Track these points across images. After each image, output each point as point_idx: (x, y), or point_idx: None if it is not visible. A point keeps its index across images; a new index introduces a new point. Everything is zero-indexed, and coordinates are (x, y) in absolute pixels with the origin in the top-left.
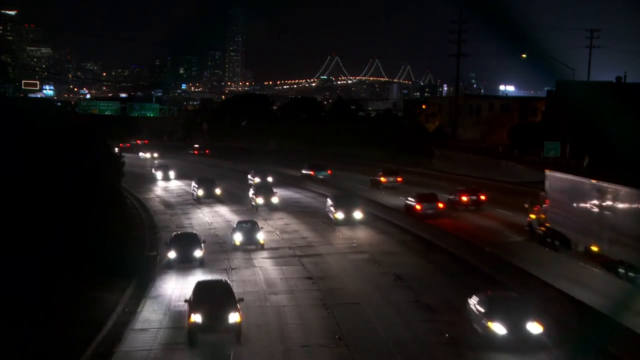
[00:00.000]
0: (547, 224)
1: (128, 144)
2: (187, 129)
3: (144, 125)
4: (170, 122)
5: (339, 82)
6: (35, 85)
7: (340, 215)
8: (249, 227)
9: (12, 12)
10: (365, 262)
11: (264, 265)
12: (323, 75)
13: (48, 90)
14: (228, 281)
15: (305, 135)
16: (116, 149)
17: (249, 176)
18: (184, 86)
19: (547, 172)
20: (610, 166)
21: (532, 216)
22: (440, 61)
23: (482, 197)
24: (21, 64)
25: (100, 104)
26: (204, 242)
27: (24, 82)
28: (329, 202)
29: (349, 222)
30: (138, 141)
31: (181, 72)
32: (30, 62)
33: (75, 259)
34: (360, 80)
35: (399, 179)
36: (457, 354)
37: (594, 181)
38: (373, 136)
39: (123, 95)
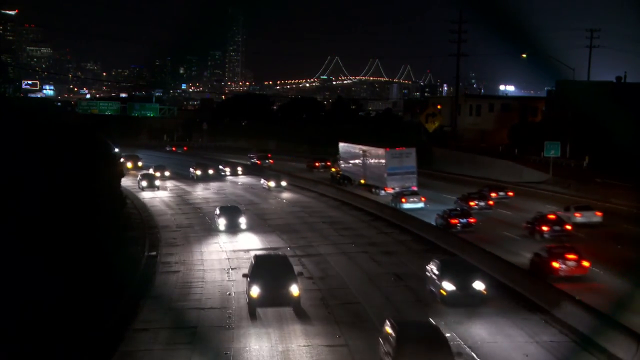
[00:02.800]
0: (340, 172)
1: (272, 160)
2: (187, 128)
3: (144, 125)
4: (170, 122)
5: (339, 82)
6: (36, 85)
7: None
8: None
9: (12, 12)
10: None
11: None
12: (323, 75)
13: (48, 90)
14: None
15: (305, 135)
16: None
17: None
18: (184, 86)
19: (340, 143)
20: (610, 165)
21: (333, 169)
22: (440, 61)
23: (328, 163)
24: (21, 64)
25: (101, 104)
26: None
27: (24, 82)
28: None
29: None
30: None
31: (181, 72)
32: (30, 62)
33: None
34: (360, 80)
35: (269, 155)
36: (457, 353)
37: (360, 145)
38: (373, 136)
39: (123, 95)
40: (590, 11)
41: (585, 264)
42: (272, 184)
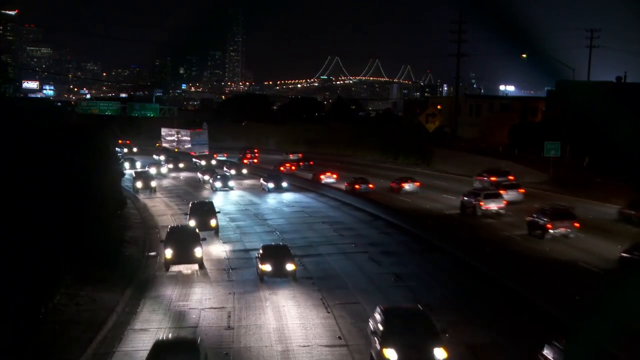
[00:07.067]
0: (164, 145)
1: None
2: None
3: (144, 125)
4: (171, 122)
5: (339, 82)
6: (36, 85)
7: None
8: None
9: (12, 12)
10: None
11: None
12: (323, 75)
13: (48, 91)
14: None
15: (305, 135)
16: None
17: None
18: (184, 86)
19: (162, 128)
20: (610, 165)
21: (157, 145)
22: (440, 61)
23: (158, 144)
24: (21, 64)
25: (101, 104)
26: None
27: (24, 82)
28: None
29: None
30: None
31: (181, 72)
32: (30, 62)
33: (74, 259)
34: (360, 80)
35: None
36: (456, 353)
37: (175, 128)
38: (373, 136)
39: (123, 95)
40: (590, 11)
41: (371, 186)
42: None
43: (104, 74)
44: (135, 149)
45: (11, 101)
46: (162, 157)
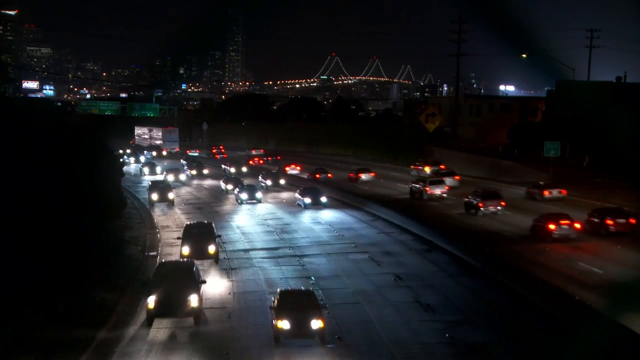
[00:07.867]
0: (135, 143)
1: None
2: (187, 129)
3: (144, 125)
4: (171, 122)
5: (339, 82)
6: (36, 85)
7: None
8: None
9: (12, 12)
10: None
11: None
12: (323, 75)
13: (48, 91)
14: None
15: (305, 135)
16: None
17: None
18: (184, 86)
19: (135, 126)
20: (610, 165)
21: (131, 142)
22: (440, 61)
23: (132, 141)
24: (21, 64)
25: (101, 104)
26: None
27: (24, 82)
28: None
29: None
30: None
31: (181, 72)
32: (30, 62)
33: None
34: (360, 80)
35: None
36: (457, 353)
37: (147, 127)
38: (373, 136)
39: (123, 95)
40: (590, 11)
41: (329, 175)
42: None
43: (104, 74)
44: (164, 153)
45: (11, 101)
46: (186, 162)
